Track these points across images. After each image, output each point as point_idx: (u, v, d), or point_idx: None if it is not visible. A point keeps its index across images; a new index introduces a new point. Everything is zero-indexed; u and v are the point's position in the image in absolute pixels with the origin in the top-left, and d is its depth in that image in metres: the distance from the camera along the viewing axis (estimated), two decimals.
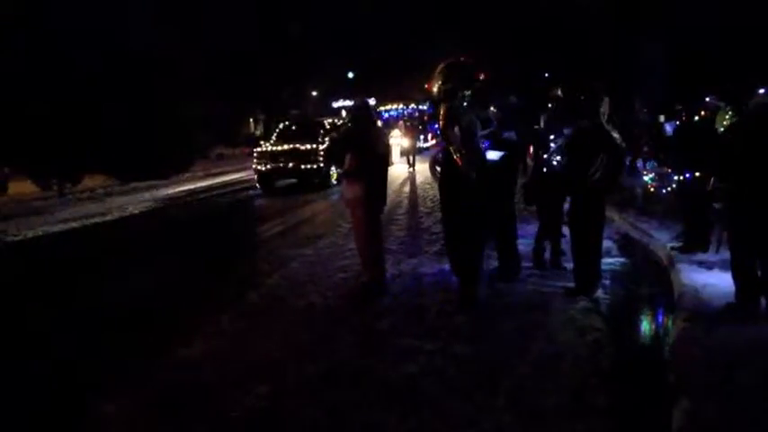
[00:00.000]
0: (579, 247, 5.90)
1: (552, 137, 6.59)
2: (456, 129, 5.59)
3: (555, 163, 6.42)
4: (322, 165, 16.16)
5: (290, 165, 16.37)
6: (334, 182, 16.07)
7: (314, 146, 16.43)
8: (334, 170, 16.02)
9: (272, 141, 17.52)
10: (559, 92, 6.50)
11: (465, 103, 5.83)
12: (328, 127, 17.49)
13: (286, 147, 16.68)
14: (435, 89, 6.03)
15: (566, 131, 6.23)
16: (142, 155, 19.99)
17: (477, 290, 5.83)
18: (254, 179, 17.27)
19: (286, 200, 14.50)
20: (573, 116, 6.03)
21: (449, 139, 5.65)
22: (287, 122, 19.35)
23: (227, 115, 22.09)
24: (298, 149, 16.47)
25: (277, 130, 18.23)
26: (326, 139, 16.57)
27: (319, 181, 16.34)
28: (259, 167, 16.76)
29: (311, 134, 17.01)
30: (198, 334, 5.33)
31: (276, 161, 16.56)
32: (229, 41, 23.54)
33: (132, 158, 19.87)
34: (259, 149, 17.22)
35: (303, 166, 16.26)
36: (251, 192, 16.88)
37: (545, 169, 6.63)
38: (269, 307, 6.08)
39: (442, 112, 5.76)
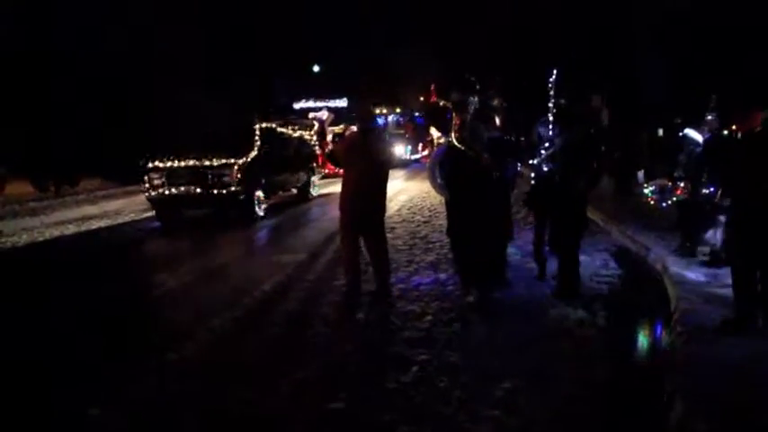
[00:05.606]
0: (562, 249, 6.14)
1: (547, 144, 6.55)
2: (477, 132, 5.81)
3: (545, 169, 6.39)
4: (239, 188, 11.25)
5: (195, 189, 11.25)
6: (261, 213, 11.95)
7: (229, 161, 11.32)
8: (260, 195, 11.95)
9: (174, 154, 11.82)
10: (562, 101, 6.50)
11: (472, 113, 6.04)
12: (259, 134, 12.39)
13: (190, 162, 11.45)
14: (443, 102, 6.33)
15: (557, 140, 6.24)
16: (140, 158, 19.93)
17: (489, 294, 5.87)
18: None
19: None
20: (570, 125, 6.25)
21: (469, 142, 5.78)
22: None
23: (224, 119, 22.05)
24: (204, 166, 11.30)
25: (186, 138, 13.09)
26: (253, 152, 11.93)
27: (238, 212, 11.60)
28: (152, 193, 11.47)
29: (232, 143, 11.89)
30: (186, 339, 5.24)
31: (175, 183, 11.31)
32: (226, 47, 23.63)
33: (130, 161, 19.84)
34: (152, 165, 11.65)
35: (212, 192, 11.23)
36: None
37: (533, 175, 6.64)
38: (261, 312, 5.99)
39: (456, 122, 5.96)
